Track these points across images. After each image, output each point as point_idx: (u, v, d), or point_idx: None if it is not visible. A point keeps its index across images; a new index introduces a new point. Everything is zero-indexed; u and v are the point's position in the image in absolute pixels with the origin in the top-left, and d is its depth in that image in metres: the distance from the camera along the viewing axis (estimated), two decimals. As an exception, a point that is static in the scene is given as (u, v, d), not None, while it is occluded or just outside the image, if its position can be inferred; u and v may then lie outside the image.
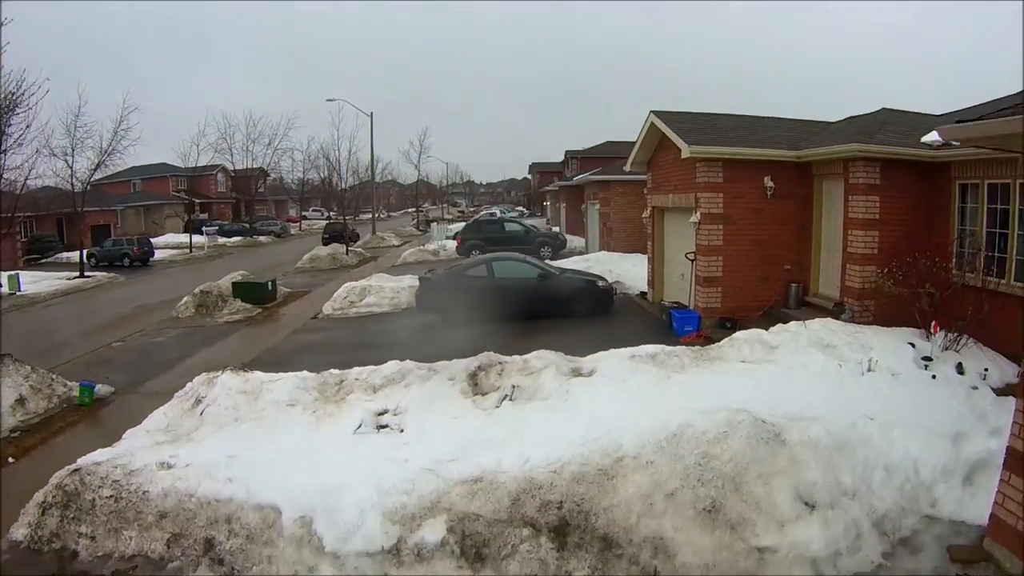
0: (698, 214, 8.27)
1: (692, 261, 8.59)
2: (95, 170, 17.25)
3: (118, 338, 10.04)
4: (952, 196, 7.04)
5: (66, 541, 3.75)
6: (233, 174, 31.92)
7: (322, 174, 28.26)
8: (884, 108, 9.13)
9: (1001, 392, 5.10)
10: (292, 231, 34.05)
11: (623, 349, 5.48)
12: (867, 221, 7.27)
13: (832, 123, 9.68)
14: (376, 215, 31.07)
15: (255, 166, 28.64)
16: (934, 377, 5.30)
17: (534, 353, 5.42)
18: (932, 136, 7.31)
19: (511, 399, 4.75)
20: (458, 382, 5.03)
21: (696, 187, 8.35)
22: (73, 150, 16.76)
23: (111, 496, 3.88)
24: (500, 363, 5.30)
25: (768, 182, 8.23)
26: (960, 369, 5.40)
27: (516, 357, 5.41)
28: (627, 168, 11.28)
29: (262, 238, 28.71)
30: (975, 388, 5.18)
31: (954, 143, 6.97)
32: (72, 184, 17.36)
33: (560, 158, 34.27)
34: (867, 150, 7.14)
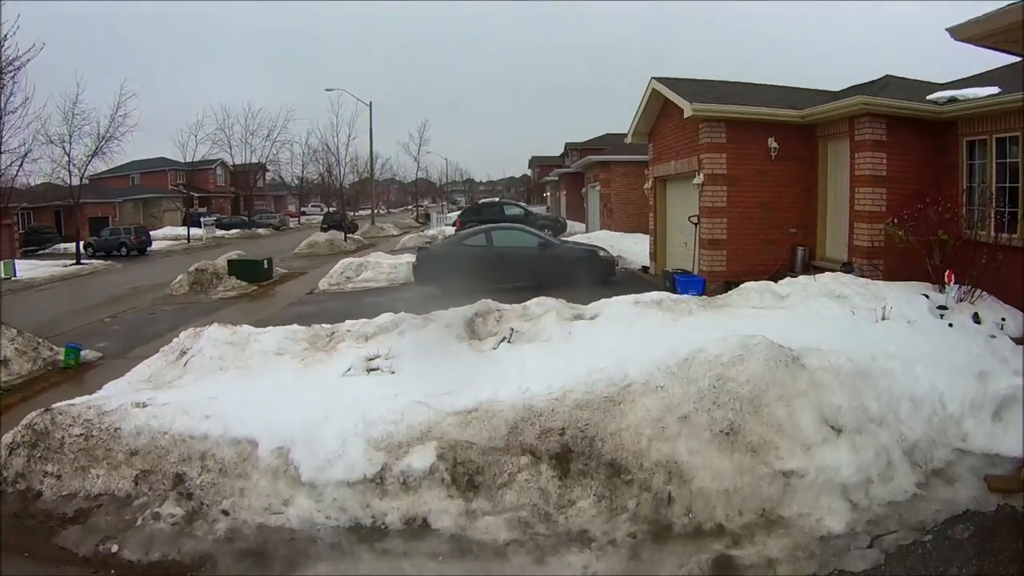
0: (701, 175, 8.04)
1: (696, 225, 8.35)
2: (92, 156, 17.10)
3: (110, 314, 9.84)
4: (960, 153, 6.84)
5: (31, 481, 3.50)
6: (232, 169, 31.83)
7: (321, 168, 28.11)
8: (888, 75, 8.94)
9: (1020, 341, 4.91)
10: (291, 225, 33.90)
11: (627, 296, 5.23)
12: (874, 178, 7.04)
13: (834, 91, 9.46)
14: (375, 210, 30.93)
15: (254, 159, 28.52)
16: (951, 325, 5.11)
17: (533, 300, 5.18)
18: (938, 94, 7.13)
19: (510, 341, 4.50)
20: (454, 328, 4.78)
21: (699, 148, 8.12)
22: (71, 137, 16.64)
23: (81, 434, 3.63)
24: (498, 310, 5.06)
25: (772, 143, 8.00)
26: (977, 319, 5.22)
27: (515, 305, 5.18)
28: (628, 140, 11.05)
29: (261, 231, 28.52)
30: (993, 336, 5.00)
31: (959, 97, 6.86)
32: (69, 171, 17.21)
33: (560, 152, 34.10)
34: (872, 103, 6.92)
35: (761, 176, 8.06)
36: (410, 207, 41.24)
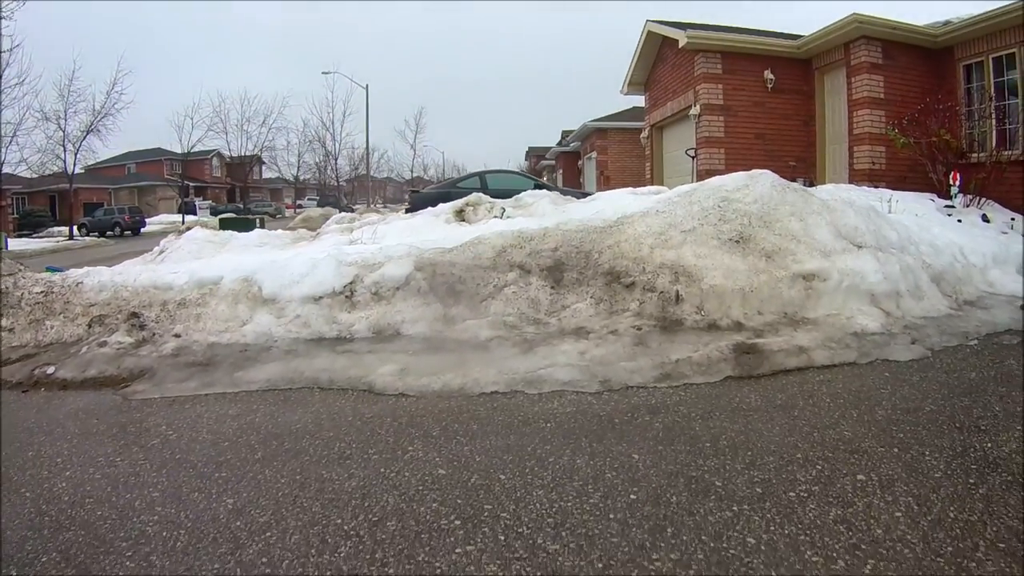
0: (698, 106, 7.87)
1: (693, 158, 8.17)
2: (88, 132, 16.97)
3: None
4: (958, 78, 6.71)
5: (-18, 337, 3.27)
6: (228, 160, 31.76)
7: (317, 158, 28.03)
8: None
9: None
10: (287, 214, 33.74)
11: (624, 188, 5.04)
12: (872, 99, 6.87)
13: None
14: (371, 205, 30.78)
15: (250, 147, 28.46)
16: (959, 221, 4.93)
17: (526, 192, 4.98)
18: (932, 20, 7.05)
19: (501, 218, 4.28)
20: (443, 215, 4.57)
21: (695, 80, 7.97)
22: (66, 113, 16.52)
23: (41, 292, 3.40)
24: (490, 201, 4.85)
25: (768, 74, 7.84)
26: (986, 219, 5.03)
27: (507, 200, 4.97)
28: (623, 90, 10.92)
29: (256, 218, 28.36)
30: (1005, 233, 4.81)
31: (953, 19, 6.77)
32: (64, 148, 17.06)
33: (557, 141, 34.08)
34: (867, 21, 6.78)
35: (759, 107, 7.89)
36: (407, 202, 41.06)
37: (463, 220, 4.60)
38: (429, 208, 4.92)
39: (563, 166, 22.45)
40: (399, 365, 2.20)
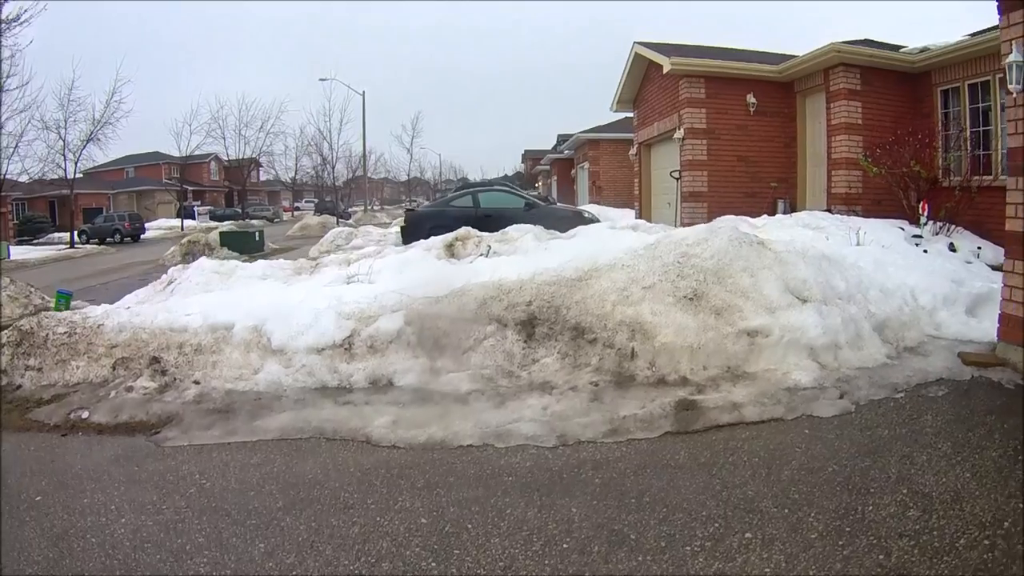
0: (682, 130, 8.20)
1: (677, 180, 8.51)
2: (88, 141, 17.18)
3: (102, 282, 9.93)
4: (935, 102, 7.02)
5: (12, 377, 3.59)
6: (226, 164, 31.91)
7: (315, 161, 28.23)
8: (867, 39, 9.16)
9: (997, 268, 4.99)
10: (285, 218, 33.98)
11: (604, 223, 5.38)
12: (850, 125, 7.22)
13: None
14: (369, 206, 31.00)
15: (248, 151, 28.61)
16: (926, 251, 5.17)
17: (512, 226, 5.31)
18: (912, 46, 7.34)
19: (487, 256, 4.61)
20: (434, 250, 4.90)
21: (679, 104, 8.30)
22: (66, 123, 16.73)
23: (65, 332, 3.72)
24: (478, 236, 5.19)
25: (751, 98, 8.18)
26: (952, 248, 5.29)
27: (495, 232, 5.30)
28: (612, 108, 11.24)
29: (255, 222, 28.59)
30: (969, 263, 5.04)
31: (931, 46, 7.06)
32: (64, 156, 17.27)
33: (552, 145, 34.29)
34: (845, 51, 7.12)
35: (741, 130, 8.23)
36: (403, 203, 41.41)
37: (453, 255, 4.94)
38: (421, 241, 5.24)
39: (558, 173, 22.76)
40: (392, 417, 2.55)
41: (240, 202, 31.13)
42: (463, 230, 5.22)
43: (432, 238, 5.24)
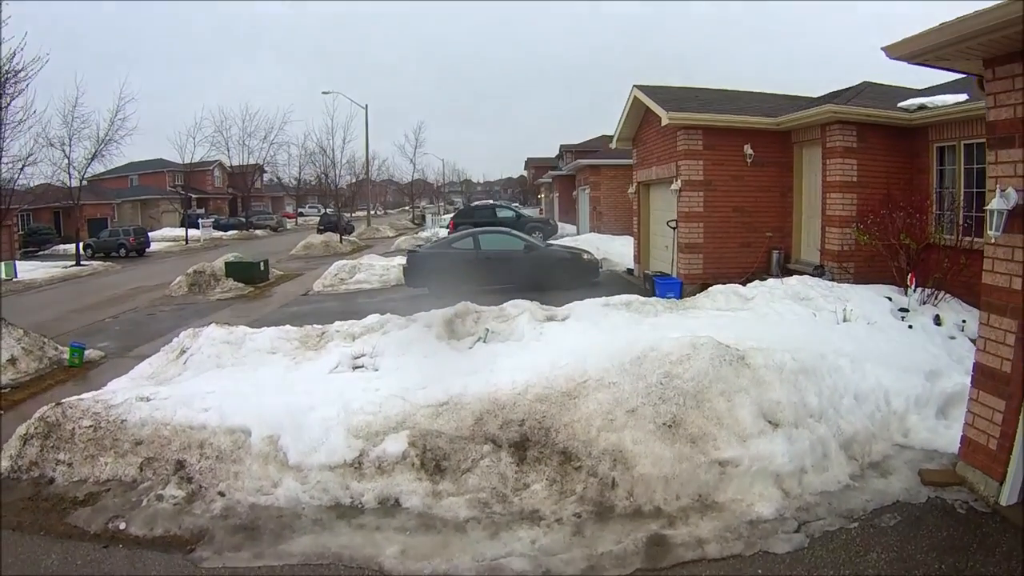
0: (679, 181, 8.38)
1: (674, 229, 8.69)
2: (92, 159, 17.41)
3: (111, 314, 10.16)
4: (931, 159, 7.12)
5: (44, 469, 3.84)
6: (230, 170, 32.11)
7: (318, 169, 28.42)
8: (865, 81, 9.27)
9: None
10: (288, 225, 34.24)
11: (598, 298, 5.58)
12: (845, 184, 7.37)
13: (812, 97, 9.80)
14: (372, 211, 31.23)
15: (251, 161, 28.81)
16: (911, 327, 5.30)
17: (510, 302, 5.52)
18: (909, 101, 7.43)
19: (484, 341, 4.84)
20: (434, 328, 5.12)
21: (677, 155, 8.46)
22: (70, 140, 16.94)
23: (90, 426, 3.97)
24: (476, 311, 5.41)
25: (748, 149, 8.34)
26: (938, 321, 5.42)
27: (492, 307, 5.52)
28: (613, 145, 11.39)
29: (258, 232, 28.85)
30: (953, 338, 5.20)
31: (928, 104, 7.18)
32: (69, 174, 17.51)
33: (555, 154, 34.41)
34: (841, 111, 7.25)
35: (737, 181, 8.39)
36: (407, 207, 41.59)
37: (452, 332, 5.16)
38: (422, 314, 5.46)
39: (560, 189, 22.90)
40: (400, 546, 2.81)
41: (244, 209, 31.36)
42: (462, 306, 5.43)
43: (432, 312, 5.45)
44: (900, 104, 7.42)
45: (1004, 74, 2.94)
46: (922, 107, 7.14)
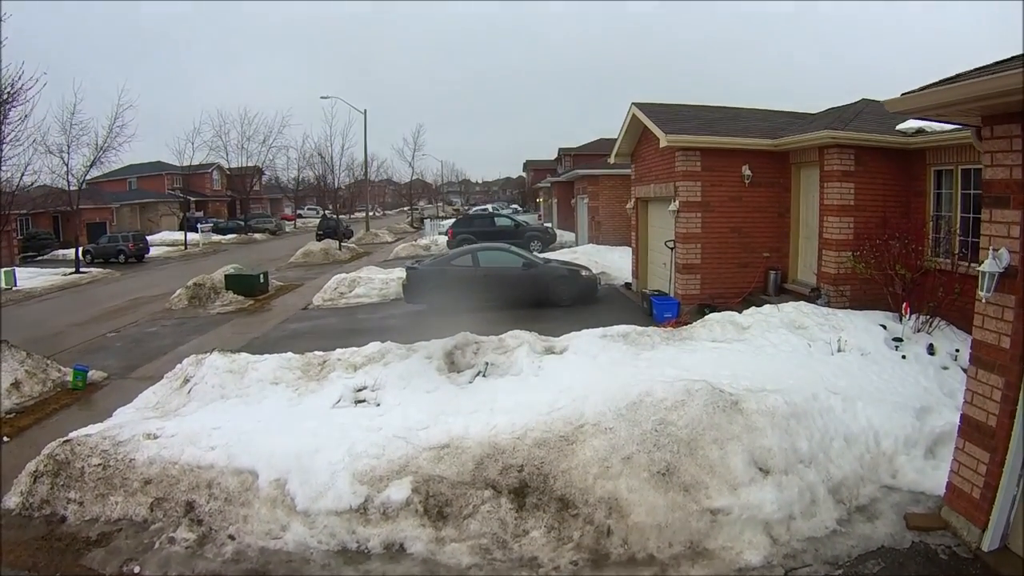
0: (677, 202, 8.45)
1: (672, 249, 8.78)
2: (91, 167, 17.39)
3: (112, 328, 10.21)
4: (928, 182, 7.12)
5: (55, 507, 3.92)
6: (229, 172, 32.05)
7: (316, 172, 28.43)
8: (864, 99, 9.33)
9: None
10: (287, 228, 34.22)
11: (596, 329, 5.66)
12: (842, 207, 7.44)
13: (812, 114, 9.87)
14: (371, 213, 31.25)
15: (250, 164, 28.77)
16: (904, 357, 5.31)
17: (509, 333, 5.61)
18: (907, 124, 7.49)
19: (484, 375, 4.93)
20: (435, 360, 5.21)
21: (675, 176, 8.54)
22: (69, 147, 16.92)
23: (99, 464, 4.06)
24: (476, 342, 5.49)
25: (746, 170, 8.41)
26: (931, 350, 5.43)
27: (492, 337, 5.60)
28: (611, 160, 11.46)
29: (257, 235, 28.83)
30: (945, 368, 5.21)
31: (926, 128, 7.24)
32: (68, 181, 17.49)
33: (554, 157, 34.42)
34: (839, 136, 7.31)
35: (735, 201, 8.46)
36: (406, 209, 41.57)
37: (453, 364, 5.25)
38: (423, 345, 5.54)
39: (558, 195, 22.94)
40: (404, 599, 2.89)
41: (243, 212, 31.31)
42: (462, 337, 5.52)
43: (432, 343, 5.54)
44: (898, 127, 7.43)
45: (1002, 133, 2.97)
46: (920, 131, 7.15)
